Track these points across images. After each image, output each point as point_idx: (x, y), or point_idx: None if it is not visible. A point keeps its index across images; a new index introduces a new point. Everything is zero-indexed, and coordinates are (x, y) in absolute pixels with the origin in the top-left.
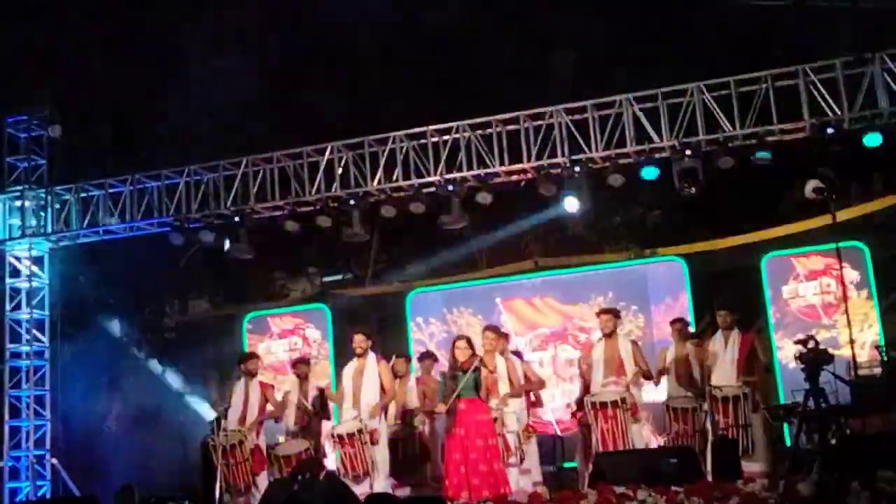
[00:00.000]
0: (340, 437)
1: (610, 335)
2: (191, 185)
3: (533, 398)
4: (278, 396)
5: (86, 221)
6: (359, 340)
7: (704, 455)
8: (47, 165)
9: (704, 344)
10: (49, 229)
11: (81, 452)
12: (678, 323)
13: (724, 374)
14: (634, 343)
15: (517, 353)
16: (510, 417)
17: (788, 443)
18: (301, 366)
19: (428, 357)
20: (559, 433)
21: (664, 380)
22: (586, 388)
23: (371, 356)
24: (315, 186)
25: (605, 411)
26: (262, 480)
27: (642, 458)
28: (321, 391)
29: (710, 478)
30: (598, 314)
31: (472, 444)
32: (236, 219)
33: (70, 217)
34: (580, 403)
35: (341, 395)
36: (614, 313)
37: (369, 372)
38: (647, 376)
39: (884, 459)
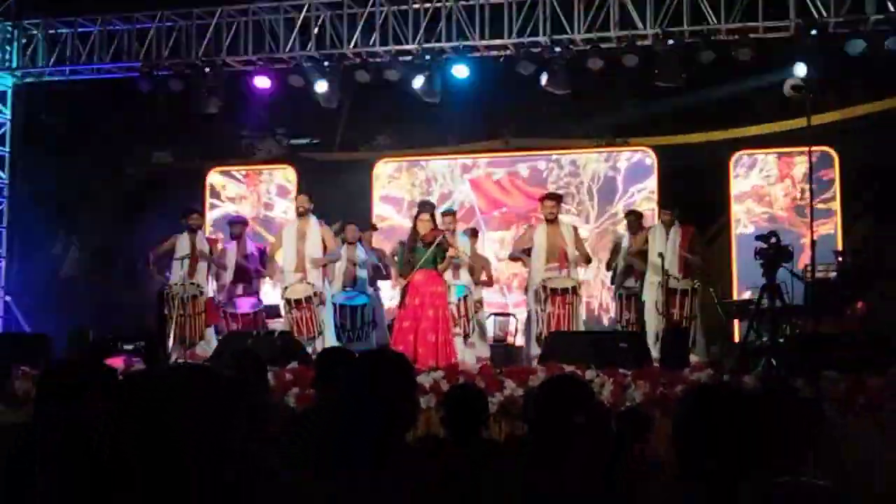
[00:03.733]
0: (296, 301)
1: (553, 221)
2: (162, 31)
3: (485, 277)
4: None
5: (52, 59)
6: (302, 200)
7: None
8: None
9: (644, 235)
10: (14, 64)
11: (36, 293)
12: (632, 215)
13: (669, 267)
14: (575, 229)
15: (473, 232)
16: (453, 288)
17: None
18: (237, 226)
19: (371, 227)
20: (512, 311)
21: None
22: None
23: (313, 219)
24: (290, 44)
25: (564, 297)
26: (212, 333)
27: (593, 339)
28: (261, 250)
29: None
30: (542, 199)
31: (424, 314)
32: (206, 69)
33: (36, 54)
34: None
35: (282, 255)
36: (557, 199)
37: (311, 234)
38: (588, 261)
39: (830, 360)
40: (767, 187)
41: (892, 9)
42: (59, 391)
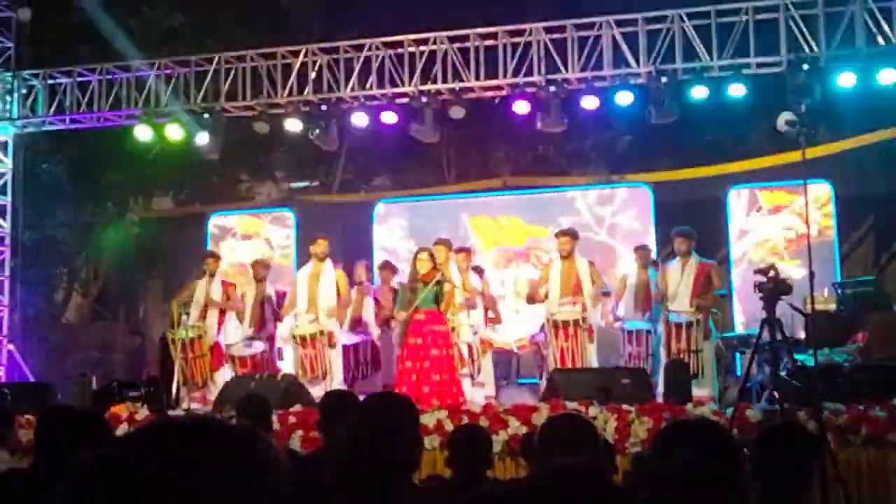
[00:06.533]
0: (302, 338)
1: (567, 256)
2: (161, 79)
3: (492, 314)
4: (239, 296)
5: (52, 108)
6: (322, 245)
7: (655, 378)
8: (14, 49)
9: (663, 270)
10: (15, 114)
11: (38, 339)
12: (641, 249)
13: (679, 299)
14: (591, 263)
15: (477, 270)
16: (464, 329)
17: (739, 372)
18: (259, 268)
19: (386, 267)
20: (516, 350)
21: (622, 304)
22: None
23: (328, 262)
24: (287, 89)
25: (566, 330)
26: (220, 377)
27: (596, 376)
28: (278, 294)
29: (660, 400)
30: (557, 235)
31: (427, 354)
32: (205, 116)
33: (37, 103)
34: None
35: (295, 297)
36: (572, 234)
37: (326, 277)
38: (606, 294)
39: (831, 392)
40: (765, 220)
41: (881, 42)
42: (58, 438)
